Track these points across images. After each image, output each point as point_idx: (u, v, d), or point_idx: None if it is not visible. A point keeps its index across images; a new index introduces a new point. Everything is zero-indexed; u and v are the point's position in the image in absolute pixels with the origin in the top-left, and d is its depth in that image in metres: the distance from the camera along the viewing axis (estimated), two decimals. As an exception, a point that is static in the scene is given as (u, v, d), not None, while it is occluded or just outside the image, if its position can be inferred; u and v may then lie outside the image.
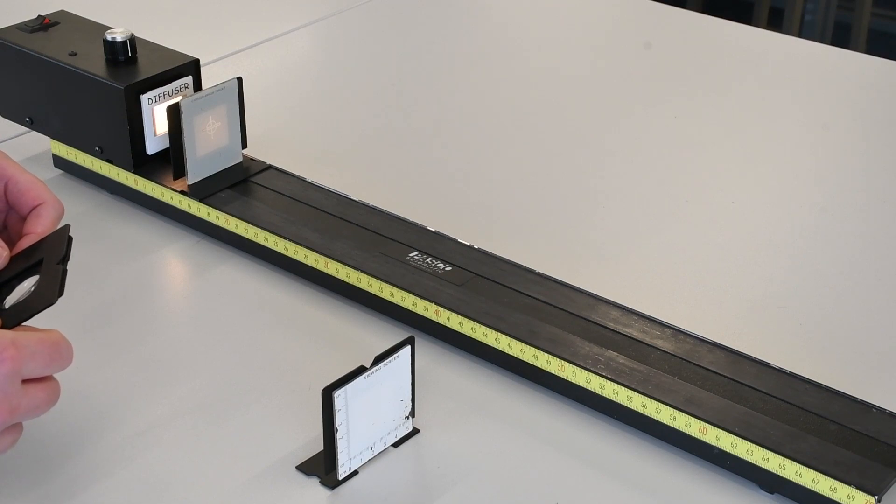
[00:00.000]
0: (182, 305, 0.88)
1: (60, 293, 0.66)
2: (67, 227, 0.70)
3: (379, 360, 0.69)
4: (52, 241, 0.69)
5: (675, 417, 0.72)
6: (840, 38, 2.86)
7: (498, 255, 0.86)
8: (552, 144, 1.11)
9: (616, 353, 0.76)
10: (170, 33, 1.05)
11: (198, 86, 0.95)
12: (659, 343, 0.77)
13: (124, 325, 0.84)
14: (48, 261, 0.68)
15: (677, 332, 0.78)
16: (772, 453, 0.69)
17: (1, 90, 1.00)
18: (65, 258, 0.67)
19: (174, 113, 0.89)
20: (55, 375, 0.65)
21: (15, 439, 0.64)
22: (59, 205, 0.73)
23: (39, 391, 0.63)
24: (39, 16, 1.00)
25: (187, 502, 0.69)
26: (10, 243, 0.72)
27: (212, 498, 0.69)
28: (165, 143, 0.94)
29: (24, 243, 0.70)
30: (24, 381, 0.63)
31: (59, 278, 0.66)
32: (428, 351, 0.81)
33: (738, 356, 0.76)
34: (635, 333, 0.78)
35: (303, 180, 0.94)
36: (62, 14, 1.02)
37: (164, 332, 0.84)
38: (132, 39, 0.94)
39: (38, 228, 0.71)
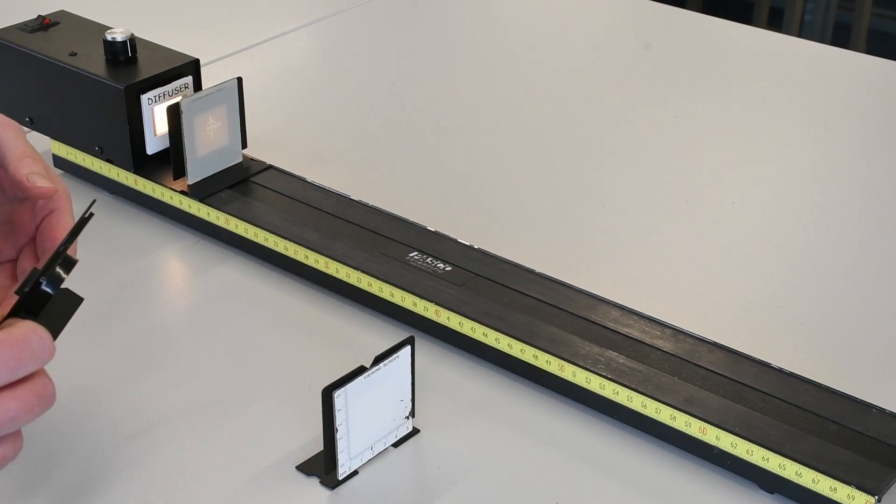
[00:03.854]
0: (182, 305, 0.88)
1: (48, 272, 0.58)
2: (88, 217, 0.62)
3: (379, 360, 0.69)
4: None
5: (675, 417, 0.72)
6: (840, 38, 2.86)
7: (498, 255, 0.86)
8: (552, 144, 1.11)
9: (616, 353, 0.76)
10: (170, 33, 1.05)
11: (198, 86, 0.95)
12: (659, 343, 0.77)
13: (124, 325, 0.84)
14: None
15: (677, 332, 0.78)
16: (772, 453, 0.69)
17: (1, 90, 1.00)
18: (66, 240, 0.60)
19: (174, 113, 0.89)
20: (47, 371, 0.57)
21: (5, 455, 0.57)
22: (69, 202, 0.69)
23: (10, 400, 0.55)
24: (39, 16, 1.00)
25: (187, 502, 0.69)
26: (14, 236, 0.71)
27: (212, 498, 0.69)
28: (165, 143, 0.94)
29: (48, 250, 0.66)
30: None
31: (53, 259, 0.59)
32: (428, 351, 0.81)
33: (738, 356, 0.76)
34: (635, 333, 0.78)
35: (303, 180, 0.94)
36: (62, 14, 1.02)
37: (164, 333, 0.84)
38: (132, 39, 0.94)
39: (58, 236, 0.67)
